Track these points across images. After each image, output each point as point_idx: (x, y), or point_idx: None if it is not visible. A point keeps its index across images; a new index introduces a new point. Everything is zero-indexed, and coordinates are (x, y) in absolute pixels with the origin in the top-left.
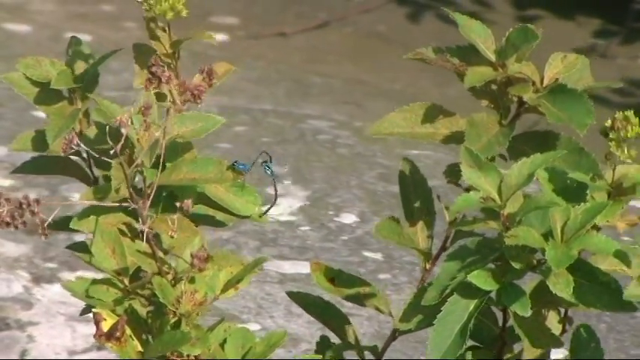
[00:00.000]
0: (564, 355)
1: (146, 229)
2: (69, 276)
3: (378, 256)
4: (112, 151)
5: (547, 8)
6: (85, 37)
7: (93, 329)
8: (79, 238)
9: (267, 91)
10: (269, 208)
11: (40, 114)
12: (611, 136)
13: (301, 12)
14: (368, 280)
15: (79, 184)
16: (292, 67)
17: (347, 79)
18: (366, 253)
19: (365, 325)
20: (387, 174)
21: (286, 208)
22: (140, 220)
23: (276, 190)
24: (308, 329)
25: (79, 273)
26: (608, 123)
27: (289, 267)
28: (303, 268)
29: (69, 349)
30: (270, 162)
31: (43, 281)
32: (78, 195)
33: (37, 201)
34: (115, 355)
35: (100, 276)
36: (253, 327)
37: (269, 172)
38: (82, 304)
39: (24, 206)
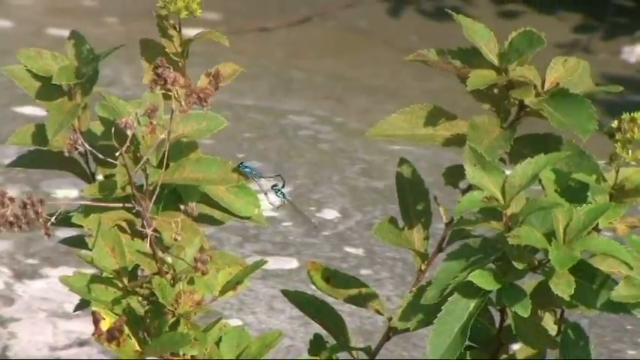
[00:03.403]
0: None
1: (150, 232)
2: (51, 272)
3: (360, 251)
4: (117, 153)
5: (527, 3)
6: (66, 33)
7: (74, 326)
8: (61, 234)
9: (248, 87)
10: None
11: (22, 110)
12: (617, 137)
13: (283, 7)
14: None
15: (60, 180)
16: (274, 63)
17: (328, 74)
18: (348, 249)
19: (347, 321)
20: (368, 169)
21: (268, 204)
22: (143, 221)
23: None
24: (290, 325)
25: (61, 269)
26: (614, 124)
27: (271, 263)
28: (285, 263)
29: (50, 346)
30: (283, 187)
31: (25, 277)
32: (59, 191)
33: (42, 201)
34: (95, 352)
35: (85, 272)
36: (235, 323)
37: (280, 196)
38: (63, 300)
39: (28, 206)
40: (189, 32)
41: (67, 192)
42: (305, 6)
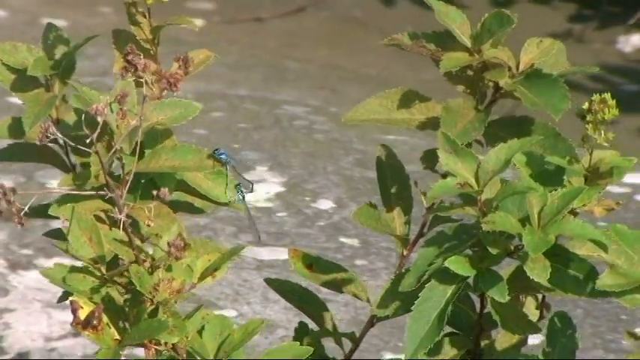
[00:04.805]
0: (540, 341)
1: (122, 218)
2: (45, 263)
3: (355, 242)
4: (87, 140)
5: None
6: (60, 23)
7: (69, 316)
8: (55, 224)
9: (243, 77)
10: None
11: (14, 100)
12: (588, 118)
13: None
14: (345, 266)
15: (55, 171)
16: (268, 52)
17: (322, 64)
18: (343, 239)
19: (342, 311)
20: (363, 159)
21: (262, 194)
22: (117, 208)
23: (250, 217)
24: (285, 315)
25: (56, 259)
26: (585, 105)
27: (266, 253)
28: (280, 254)
29: (45, 336)
30: (252, 191)
31: (19, 268)
32: (54, 181)
33: (13, 190)
34: (89, 343)
35: (77, 263)
36: (230, 313)
37: (240, 197)
38: (58, 290)
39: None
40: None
41: None
42: None
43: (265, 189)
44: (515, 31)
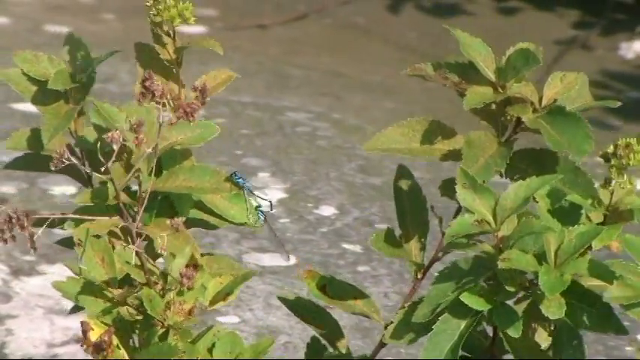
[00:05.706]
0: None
1: (136, 249)
2: (48, 269)
3: (357, 248)
4: (102, 169)
5: (526, 0)
6: (63, 29)
7: (71, 322)
8: (59, 231)
9: (245, 83)
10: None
11: (19, 106)
12: (612, 162)
13: (280, 3)
14: (347, 272)
15: (57, 177)
16: (271, 59)
17: (326, 71)
18: (345, 245)
19: (344, 317)
20: (365, 166)
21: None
22: (130, 238)
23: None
24: (287, 321)
25: (58, 266)
26: (610, 149)
27: (268, 259)
28: (283, 260)
29: (47, 342)
30: (271, 209)
31: (22, 274)
32: (57, 188)
33: (27, 215)
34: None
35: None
36: (232, 319)
37: (262, 218)
38: (59, 297)
39: (13, 220)
40: (186, 29)
41: (64, 189)
42: (302, 2)
43: (268, 195)
44: (520, 37)
